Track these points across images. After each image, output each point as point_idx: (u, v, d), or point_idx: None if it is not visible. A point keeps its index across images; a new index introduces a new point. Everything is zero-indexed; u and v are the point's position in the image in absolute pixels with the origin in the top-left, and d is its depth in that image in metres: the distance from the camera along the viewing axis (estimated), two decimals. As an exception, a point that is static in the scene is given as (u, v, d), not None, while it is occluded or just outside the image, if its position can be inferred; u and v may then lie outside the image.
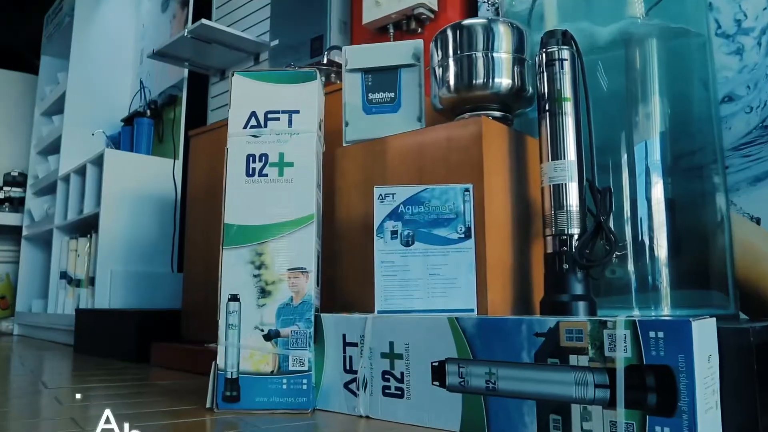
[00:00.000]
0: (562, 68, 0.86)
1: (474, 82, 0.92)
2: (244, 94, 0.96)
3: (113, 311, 1.64)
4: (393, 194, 0.86)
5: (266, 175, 0.93)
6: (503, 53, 0.93)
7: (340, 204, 1.03)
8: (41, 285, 2.70)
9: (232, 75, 0.97)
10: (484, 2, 1.38)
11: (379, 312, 0.83)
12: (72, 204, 2.30)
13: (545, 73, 0.87)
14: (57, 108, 2.78)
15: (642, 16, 1.06)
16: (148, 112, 2.37)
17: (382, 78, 1.04)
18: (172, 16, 2.43)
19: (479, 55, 0.92)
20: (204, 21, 1.82)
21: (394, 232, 0.85)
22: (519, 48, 0.93)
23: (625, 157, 1.03)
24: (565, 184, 0.84)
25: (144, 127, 2.30)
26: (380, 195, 0.86)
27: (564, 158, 0.85)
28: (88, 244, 2.14)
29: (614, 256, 0.80)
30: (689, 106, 1.04)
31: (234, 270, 0.90)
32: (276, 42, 1.74)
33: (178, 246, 2.07)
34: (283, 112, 0.95)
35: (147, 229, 2.07)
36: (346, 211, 1.02)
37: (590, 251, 0.83)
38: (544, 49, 0.88)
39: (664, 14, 1.05)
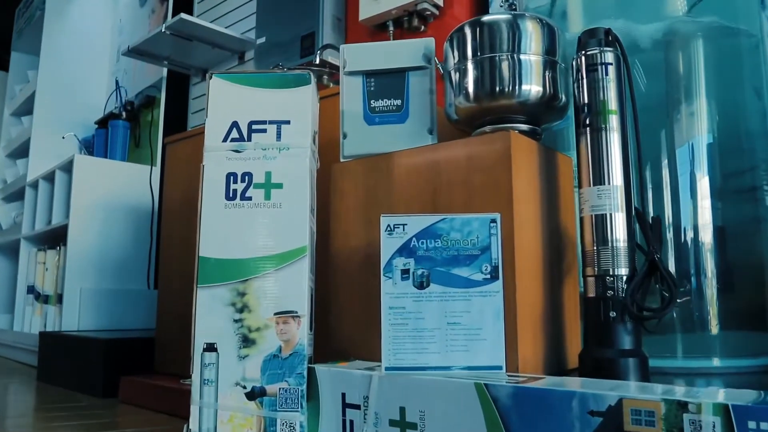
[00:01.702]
0: (606, 74, 0.72)
1: (497, 89, 0.78)
2: (223, 101, 0.81)
3: (80, 338, 1.47)
4: (404, 225, 0.71)
5: (250, 198, 0.78)
6: (532, 55, 0.78)
7: (336, 230, 0.88)
8: (8, 299, 2.52)
9: (210, 77, 0.82)
10: (497, -3, 1.24)
11: (387, 369, 0.68)
12: (40, 213, 2.12)
13: (585, 80, 0.73)
14: (27, 108, 2.60)
15: (684, 13, 0.92)
16: (124, 114, 2.20)
17: (386, 82, 0.89)
18: (151, 11, 2.26)
19: (504, 57, 0.78)
20: (183, 16, 1.66)
21: (405, 272, 0.70)
22: (550, 49, 0.79)
23: (666, 176, 0.89)
24: (611, 215, 0.70)
25: (119, 130, 2.13)
26: (388, 226, 0.71)
27: (609, 183, 0.70)
28: (57, 257, 1.97)
29: (676, 305, 0.66)
30: (740, 118, 0.91)
31: (211, 313, 0.75)
32: (262, 39, 1.59)
33: (155, 261, 1.90)
34: (271, 122, 0.80)
35: (121, 242, 1.90)
36: (344, 239, 0.87)
37: (643, 297, 0.68)
38: (583, 52, 0.74)
39: (709, 12, 0.91)
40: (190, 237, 0.76)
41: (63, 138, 2.23)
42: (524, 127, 0.79)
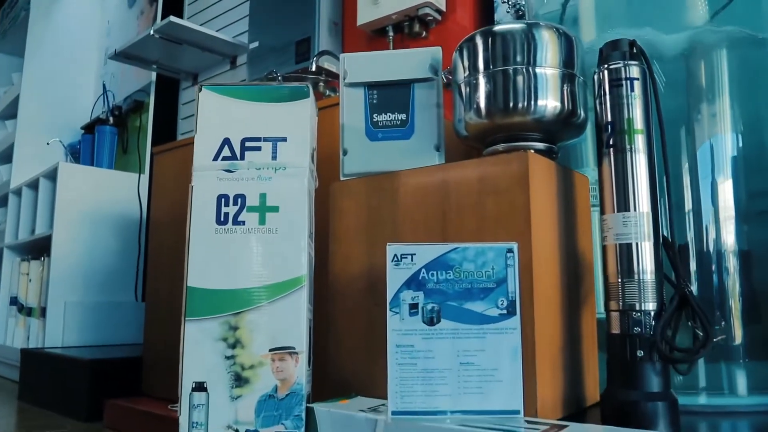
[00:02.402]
0: (632, 90, 0.66)
1: (511, 105, 0.72)
2: (214, 116, 0.74)
3: (62, 357, 1.40)
4: (412, 255, 0.65)
5: (243, 222, 0.71)
6: (548, 68, 0.72)
7: (335, 254, 0.82)
8: (-9, 308, 2.43)
9: (200, 90, 0.76)
10: (504, 2, 1.18)
11: (394, 414, 0.62)
12: (24, 222, 2.05)
13: (608, 97, 0.67)
14: (11, 111, 2.51)
15: (706, 21, 0.87)
16: (111, 119, 2.12)
17: (390, 95, 0.83)
18: (140, 12, 2.18)
19: (518, 70, 0.72)
20: (173, 19, 1.59)
21: (413, 306, 0.64)
22: (568, 61, 0.73)
23: (687, 196, 0.83)
24: (637, 244, 0.64)
25: (106, 136, 2.05)
26: (395, 256, 0.65)
27: (635, 209, 0.64)
28: (41, 268, 1.89)
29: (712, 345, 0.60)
30: (766, 135, 0.85)
31: (200, 349, 0.69)
32: (255, 44, 1.52)
33: (143, 272, 1.83)
34: (266, 139, 0.73)
35: (107, 252, 1.83)
36: (344, 263, 0.81)
37: (673, 335, 0.63)
38: (605, 66, 0.68)
39: (733, 20, 0.86)
40: (179, 250, 0.71)
41: (48, 144, 2.16)
42: (540, 145, 0.73)
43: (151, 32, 1.63)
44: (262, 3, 1.53)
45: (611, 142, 0.66)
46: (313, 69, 1.26)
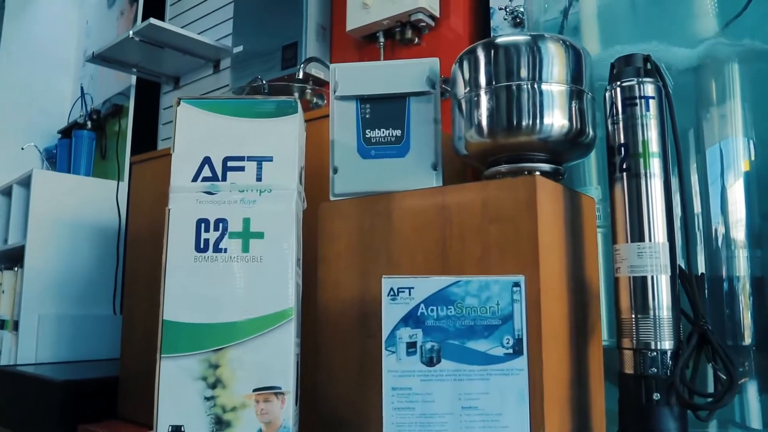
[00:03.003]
0: (647, 110, 0.61)
1: (515, 123, 0.66)
2: (193, 132, 0.68)
3: (34, 378, 1.33)
4: (410, 289, 0.59)
5: (224, 250, 0.65)
6: (555, 84, 0.67)
7: (324, 280, 0.76)
8: (-37, 318, 2.34)
9: (178, 103, 0.70)
10: (501, 9, 1.13)
11: (390, 464, 0.56)
12: (-4, 230, 1.96)
13: (621, 116, 0.62)
14: (-15, 114, 2.42)
15: (717, 33, 0.82)
16: (89, 123, 2.04)
17: (384, 109, 0.77)
18: (120, 13, 2.11)
19: (523, 86, 0.67)
20: (152, 21, 1.52)
21: (411, 345, 0.59)
22: (576, 76, 0.68)
23: (698, 221, 0.79)
24: (653, 277, 0.59)
25: (84, 141, 1.97)
26: (391, 290, 0.59)
27: (651, 240, 0.60)
28: (15, 279, 1.81)
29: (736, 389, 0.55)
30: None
31: (177, 389, 0.63)
32: (239, 48, 1.46)
33: (122, 283, 1.76)
34: (250, 158, 0.68)
35: (84, 263, 1.75)
36: (334, 290, 0.75)
37: (693, 377, 0.58)
38: (618, 83, 0.63)
39: (745, 31, 0.82)
40: (156, 266, 0.66)
41: (22, 149, 2.07)
42: (546, 167, 0.68)
43: (130, 35, 1.56)
44: (246, 5, 1.47)
45: (624, 166, 0.61)
46: (300, 77, 1.20)
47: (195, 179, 0.67)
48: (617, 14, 0.92)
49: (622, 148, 0.62)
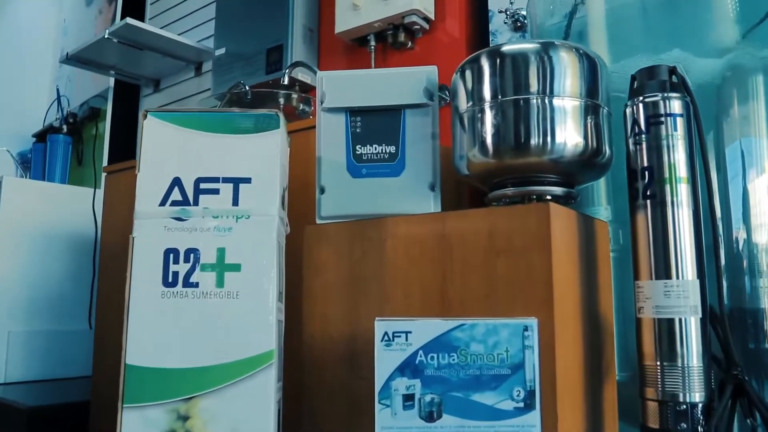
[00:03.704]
0: (674, 129, 0.54)
1: (524, 142, 0.59)
2: (162, 150, 0.61)
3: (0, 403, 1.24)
4: (407, 333, 0.52)
5: (196, 284, 0.58)
6: (568, 98, 0.60)
7: (310, 314, 0.68)
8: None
9: (145, 117, 0.62)
10: (501, 12, 1.06)
11: None
12: (-35, 239, 1.86)
13: (644, 136, 0.55)
14: (-44, 116, 2.31)
15: (737, 41, 0.76)
16: (65, 127, 1.94)
17: (377, 123, 0.70)
18: (98, 12, 2.01)
19: (532, 100, 0.60)
20: (129, 21, 1.43)
21: (408, 398, 0.51)
22: (591, 89, 0.61)
23: (722, 253, 0.72)
24: (682, 320, 0.52)
25: (59, 146, 1.88)
26: (385, 334, 0.52)
27: (679, 277, 0.53)
28: (-16, 292, 1.71)
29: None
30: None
31: (140, 445, 0.55)
32: (222, 51, 1.37)
33: (98, 296, 1.67)
34: (226, 180, 0.60)
35: (58, 276, 1.66)
36: (321, 325, 0.67)
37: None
38: (640, 98, 0.56)
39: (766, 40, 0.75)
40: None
41: (-7, 154, 1.97)
42: (558, 190, 0.61)
43: (106, 35, 1.47)
44: (229, 5, 1.38)
45: (648, 193, 0.54)
46: (285, 82, 1.12)
47: (163, 203, 0.59)
48: (627, 19, 0.85)
49: (646, 173, 0.55)
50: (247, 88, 1.13)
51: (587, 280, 0.60)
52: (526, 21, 1.02)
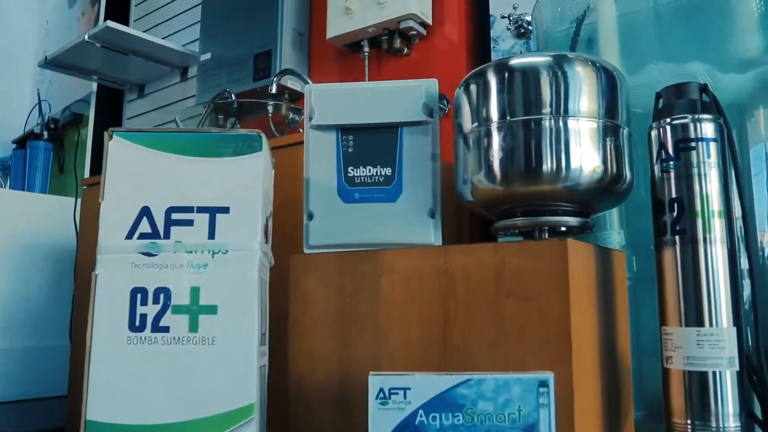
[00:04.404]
0: (707, 156, 0.48)
1: (535, 167, 0.53)
2: (129, 175, 0.54)
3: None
4: (405, 390, 0.46)
5: (166, 329, 0.51)
6: (584, 118, 0.54)
7: (297, 353, 0.62)
8: None
9: (110, 137, 0.55)
10: (504, 17, 0.99)
11: None
12: (-59, 250, 1.78)
13: (672, 163, 0.49)
14: (-66, 120, 2.22)
15: (762, 53, 0.70)
16: (46, 133, 1.86)
17: (371, 142, 0.63)
18: (81, 14, 1.94)
19: (545, 120, 0.53)
20: (110, 24, 1.36)
21: (407, 465, 0.45)
22: (610, 108, 0.55)
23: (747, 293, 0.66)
24: (717, 374, 0.46)
25: (39, 152, 1.80)
26: (381, 391, 0.46)
27: (714, 324, 0.47)
28: (-40, 306, 1.64)
29: None
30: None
31: None
32: (207, 56, 1.30)
33: (74, 312, 1.59)
34: (201, 209, 0.53)
35: (37, 289, 1.58)
36: (308, 365, 0.61)
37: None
38: (667, 120, 0.50)
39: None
40: None
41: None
42: (573, 221, 0.55)
43: (86, 38, 1.40)
44: (215, 8, 1.32)
45: (678, 228, 0.48)
46: (273, 91, 1.06)
47: (130, 236, 0.53)
48: (640, 26, 0.79)
49: (675, 204, 0.48)
50: (233, 96, 1.06)
51: (606, 322, 0.54)
52: (530, 27, 0.96)
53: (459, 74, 1.03)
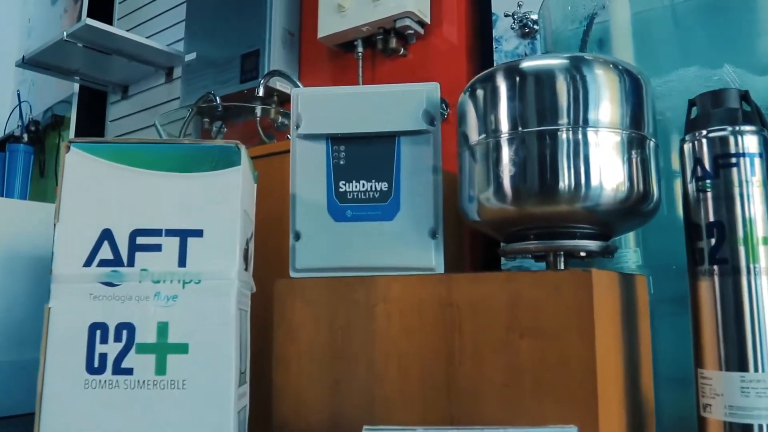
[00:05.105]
0: (751, 174, 0.42)
1: (550, 185, 0.47)
2: (88, 193, 0.47)
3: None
4: (404, 449, 0.39)
5: (129, 371, 0.44)
6: (606, 129, 0.47)
7: (282, 391, 0.55)
8: None
9: (67, 149, 0.48)
10: (508, 16, 0.93)
11: None
12: None
13: (710, 182, 0.43)
14: None
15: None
16: (26, 136, 1.79)
17: (365, 153, 0.57)
18: (63, 11, 1.86)
19: (561, 132, 0.47)
20: (89, 21, 1.29)
21: None
22: (636, 117, 0.49)
23: None
24: (765, 428, 0.40)
25: (19, 155, 1.73)
26: (376, 450, 0.39)
27: (762, 369, 0.40)
28: (-66, 317, 1.56)
29: None
30: None
31: None
32: (192, 56, 1.24)
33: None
34: (170, 233, 0.47)
35: (16, 301, 1.51)
36: (294, 404, 0.54)
37: None
38: (703, 132, 0.44)
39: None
40: None
41: (-53, 164, 1.81)
42: (593, 245, 0.48)
43: (65, 36, 1.32)
44: (200, 5, 1.25)
45: (717, 257, 0.42)
46: (261, 94, 0.99)
47: (88, 263, 0.46)
48: (657, 24, 0.73)
49: (714, 230, 0.42)
50: (218, 99, 1.00)
51: (630, 361, 0.48)
52: (535, 26, 0.89)
53: (459, 76, 0.97)
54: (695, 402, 0.44)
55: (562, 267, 0.49)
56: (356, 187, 0.56)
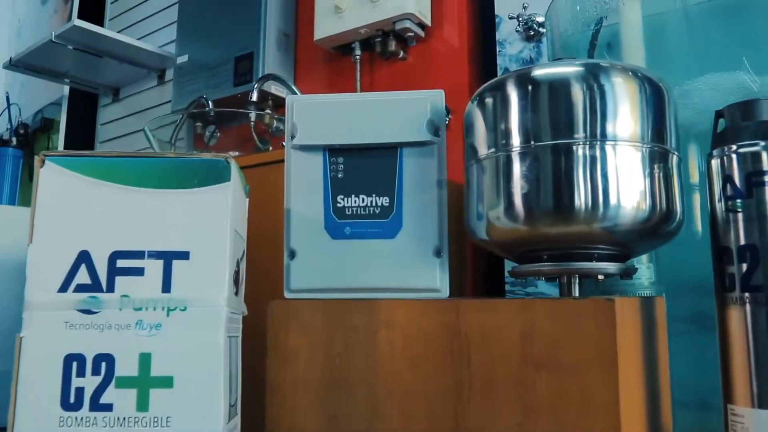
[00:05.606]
0: (787, 194, 0.38)
1: (566, 204, 0.43)
2: (64, 211, 0.44)
3: None
4: (410, 499, 0.35)
5: (109, 407, 0.41)
6: (626, 143, 0.44)
7: (276, 421, 0.51)
8: None
9: (42, 163, 0.45)
10: (512, 18, 0.90)
11: None
12: None
13: (741, 201, 0.40)
14: None
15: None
16: (14, 139, 1.75)
17: (365, 166, 0.53)
18: (54, 11, 1.82)
19: (577, 147, 0.43)
20: (77, 23, 1.25)
21: None
22: (658, 129, 0.45)
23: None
24: (806, 471, 0.36)
25: (8, 160, 1.68)
26: (378, 500, 0.35)
27: (801, 407, 0.37)
28: None
29: None
30: None
31: None
32: (184, 58, 1.20)
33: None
34: (154, 255, 0.43)
35: (4, 311, 1.47)
36: (291, 434, 0.50)
37: None
38: (732, 146, 0.40)
39: None
40: None
41: (-67, 169, 1.77)
42: (612, 267, 0.45)
43: (52, 38, 1.28)
44: (193, 6, 1.21)
45: (750, 283, 0.38)
46: (255, 99, 0.95)
47: (64, 289, 0.42)
48: (671, 28, 0.70)
49: (747, 254, 0.39)
50: (210, 104, 0.96)
51: (651, 388, 0.44)
52: (541, 29, 0.86)
53: (461, 81, 0.93)
54: (724, 440, 0.41)
55: (577, 290, 0.45)
56: (355, 202, 0.52)
